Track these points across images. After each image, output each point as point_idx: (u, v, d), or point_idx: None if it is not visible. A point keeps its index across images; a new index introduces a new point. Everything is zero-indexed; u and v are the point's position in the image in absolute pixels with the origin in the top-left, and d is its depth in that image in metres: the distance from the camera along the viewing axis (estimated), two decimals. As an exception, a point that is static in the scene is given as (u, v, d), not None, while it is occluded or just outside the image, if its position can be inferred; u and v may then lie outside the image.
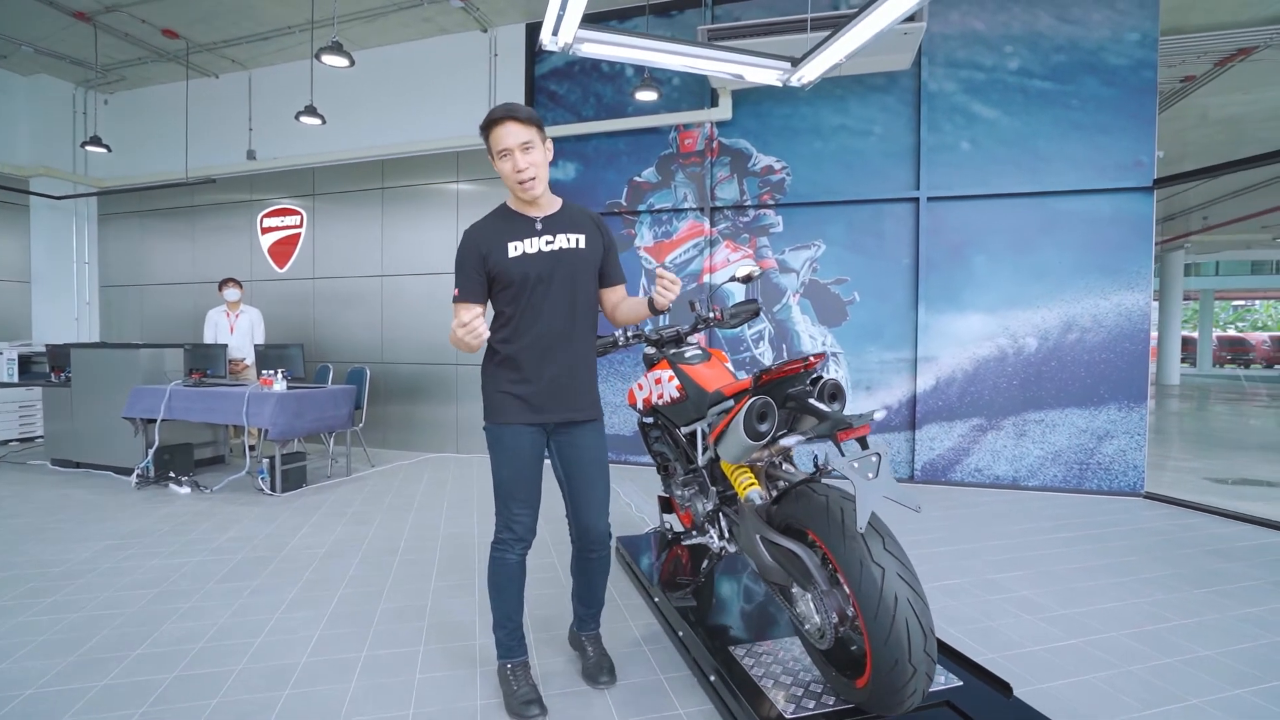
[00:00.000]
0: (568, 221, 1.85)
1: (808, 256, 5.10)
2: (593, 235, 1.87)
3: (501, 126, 1.70)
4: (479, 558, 3.10)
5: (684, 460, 2.46)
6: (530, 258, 1.78)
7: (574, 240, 1.83)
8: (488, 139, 1.74)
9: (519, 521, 1.86)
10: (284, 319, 6.51)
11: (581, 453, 1.86)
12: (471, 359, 5.92)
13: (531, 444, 1.83)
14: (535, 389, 1.80)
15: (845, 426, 1.44)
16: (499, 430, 1.84)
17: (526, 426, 1.81)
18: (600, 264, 1.90)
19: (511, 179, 1.74)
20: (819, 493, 1.63)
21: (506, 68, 5.78)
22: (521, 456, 1.83)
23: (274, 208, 6.60)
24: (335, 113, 6.09)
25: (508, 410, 1.82)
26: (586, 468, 1.87)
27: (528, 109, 1.74)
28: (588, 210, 1.95)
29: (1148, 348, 4.41)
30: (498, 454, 1.85)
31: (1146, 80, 4.38)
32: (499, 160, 1.73)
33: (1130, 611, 2.52)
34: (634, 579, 2.79)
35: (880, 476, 1.39)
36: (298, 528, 3.58)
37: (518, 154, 1.71)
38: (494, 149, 1.73)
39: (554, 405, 1.81)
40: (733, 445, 1.74)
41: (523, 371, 1.80)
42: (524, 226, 1.82)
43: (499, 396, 1.84)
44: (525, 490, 1.85)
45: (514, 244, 1.79)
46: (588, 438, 1.87)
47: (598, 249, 1.87)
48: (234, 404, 4.27)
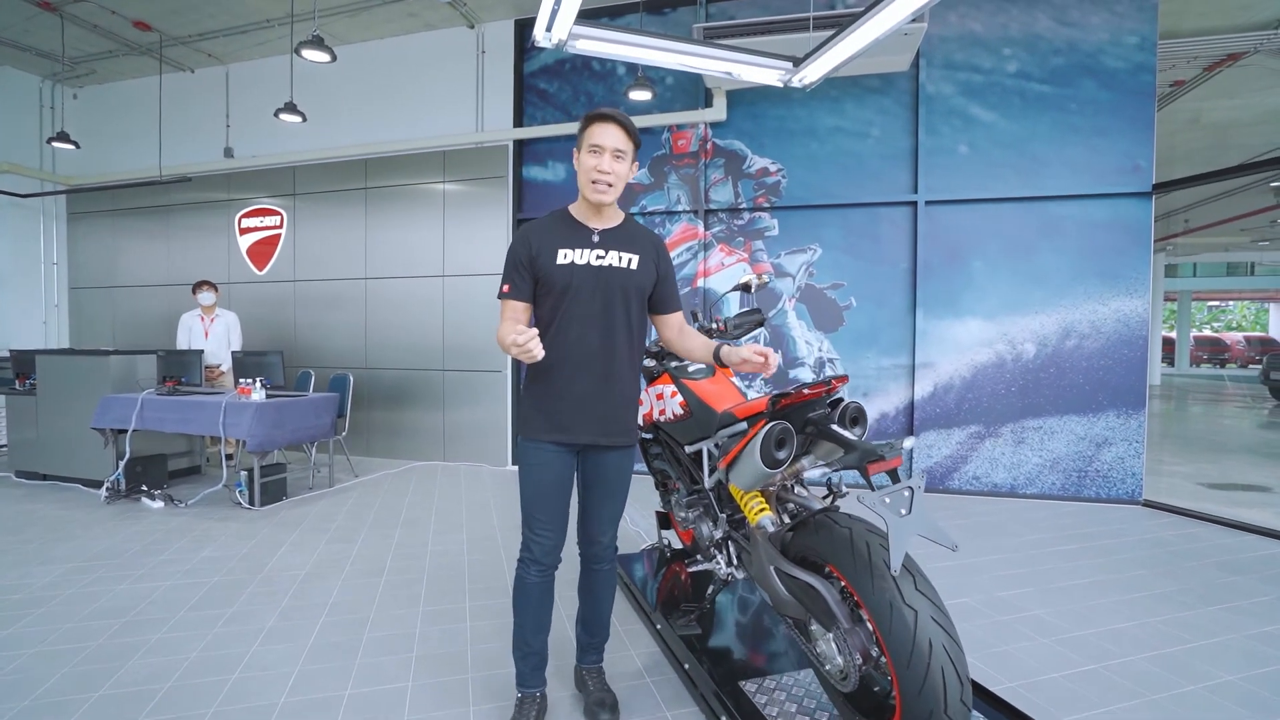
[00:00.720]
0: (625, 239, 1.77)
1: (804, 261, 5.01)
2: (648, 258, 1.77)
3: (606, 124, 1.66)
4: (469, 579, 2.96)
5: (687, 480, 2.34)
6: (577, 269, 1.69)
7: (626, 259, 1.73)
8: (584, 130, 1.68)
9: (537, 542, 1.77)
10: (263, 323, 6.30)
11: (604, 471, 1.80)
12: (460, 366, 5.76)
13: (557, 463, 1.74)
14: (564, 405, 1.72)
15: (876, 458, 1.33)
16: (526, 445, 1.78)
17: (552, 445, 1.73)
18: (652, 289, 1.81)
19: (589, 175, 1.67)
20: (840, 524, 1.52)
21: (495, 65, 5.62)
22: (545, 475, 1.74)
23: (253, 208, 6.38)
24: (317, 110, 5.90)
25: (534, 424, 1.75)
26: (606, 484, 1.81)
27: (636, 128, 1.71)
28: (652, 234, 1.85)
29: (1146, 354, 4.37)
30: (523, 469, 1.78)
31: (1145, 84, 4.34)
32: (586, 154, 1.68)
33: (1146, 633, 2.45)
34: (633, 601, 2.67)
35: (914, 512, 1.28)
36: (277, 545, 3.41)
37: (608, 155, 1.66)
38: (586, 141, 1.67)
39: (582, 425, 1.72)
40: (747, 473, 1.63)
41: (554, 385, 1.72)
42: (580, 235, 1.74)
43: (529, 410, 1.77)
44: (546, 511, 1.76)
45: (564, 250, 1.71)
46: (614, 459, 1.80)
47: (650, 273, 1.78)
48: (210, 414, 4.08)
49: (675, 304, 1.86)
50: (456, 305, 5.74)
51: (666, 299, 1.84)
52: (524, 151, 5.63)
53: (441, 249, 5.77)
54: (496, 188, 5.57)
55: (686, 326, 1.86)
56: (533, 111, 5.62)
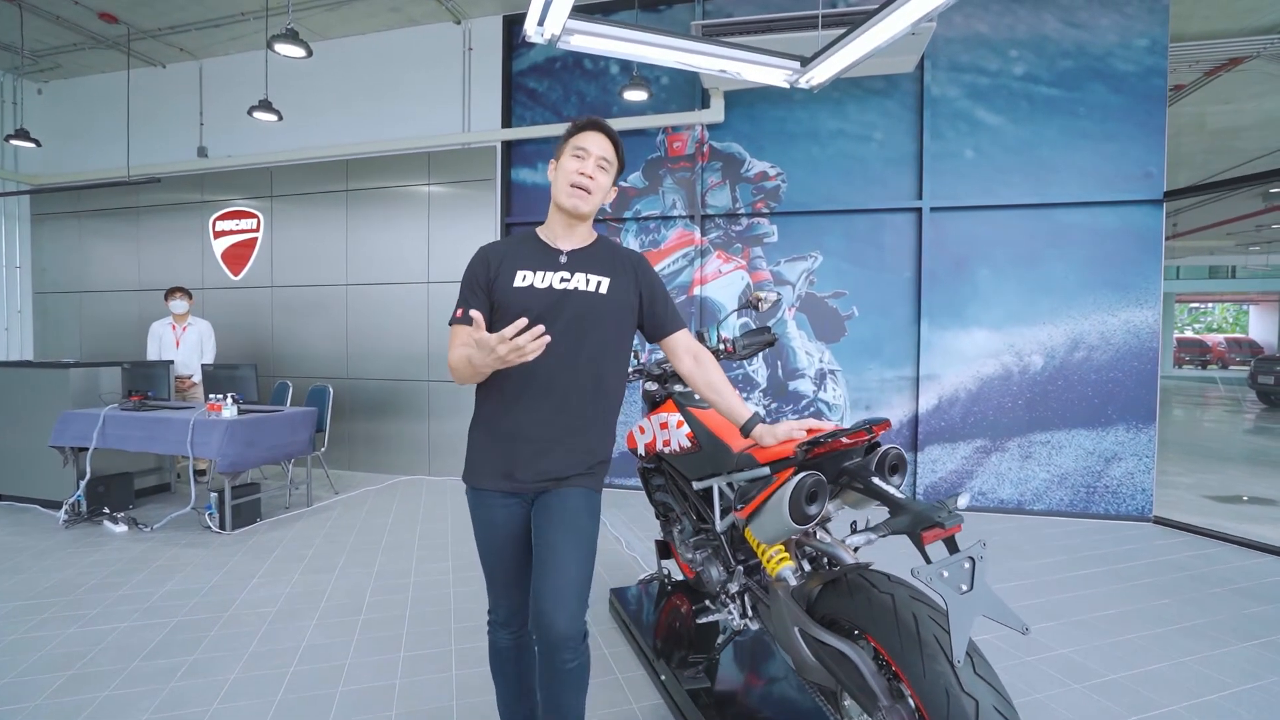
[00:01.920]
0: (596, 260, 1.55)
1: (804, 268, 4.83)
2: (624, 280, 1.55)
3: (594, 133, 1.53)
4: (454, 616, 2.75)
5: (694, 516, 2.15)
6: (536, 292, 1.47)
7: (594, 283, 1.51)
8: (569, 137, 1.54)
9: (500, 605, 1.58)
10: (239, 330, 6.02)
11: (552, 514, 1.44)
12: (446, 376, 5.51)
13: (507, 517, 1.51)
14: (513, 448, 1.47)
15: (931, 525, 1.14)
16: (471, 494, 1.55)
17: (500, 495, 1.49)
18: (636, 313, 1.59)
19: (568, 178, 1.49)
20: (879, 588, 1.32)
21: (482, 63, 5.39)
22: (496, 531, 1.52)
23: (228, 210, 6.10)
24: (295, 108, 5.63)
25: (479, 469, 1.52)
26: (553, 533, 1.41)
27: (623, 146, 1.59)
28: (630, 253, 1.63)
29: (1157, 366, 4.24)
30: (474, 521, 1.56)
31: (1156, 88, 4.21)
32: (569, 157, 1.51)
33: (1183, 675, 2.29)
34: (632, 643, 2.47)
35: (976, 589, 1.10)
36: (248, 576, 3.17)
37: (593, 161, 1.50)
38: (570, 146, 1.52)
39: (534, 471, 1.46)
40: (770, 526, 1.43)
41: (501, 424, 1.49)
42: (545, 256, 1.53)
43: (474, 453, 1.54)
44: (504, 570, 1.54)
45: (524, 272, 1.49)
46: (569, 499, 1.46)
47: (628, 297, 1.55)
48: (177, 433, 3.82)
49: (674, 323, 1.62)
50: (442, 312, 5.50)
51: (661, 321, 1.60)
52: (512, 153, 5.41)
53: (426, 254, 5.53)
54: (484, 190, 5.34)
55: (704, 355, 1.62)
56: (522, 112, 5.40)
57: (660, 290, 1.63)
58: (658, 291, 1.62)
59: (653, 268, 1.66)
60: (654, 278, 1.63)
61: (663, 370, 2.34)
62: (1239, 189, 4.49)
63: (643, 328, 1.63)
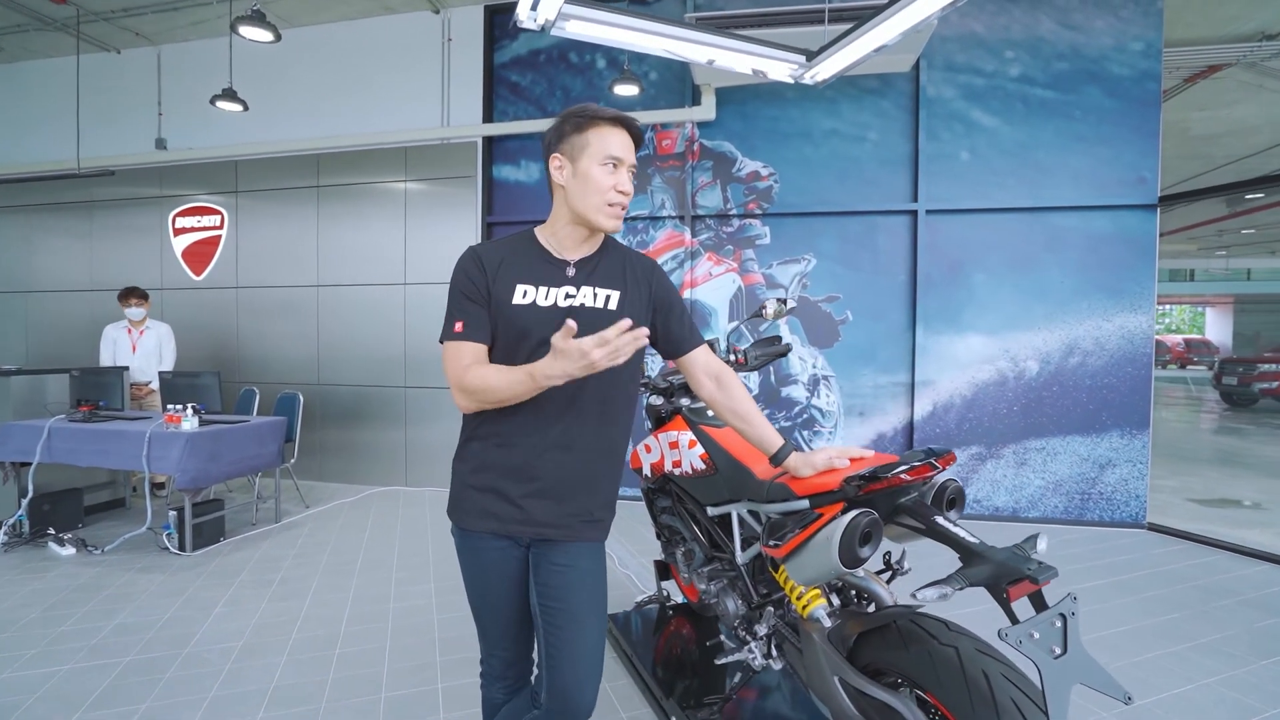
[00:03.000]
0: (604, 271, 1.35)
1: (797, 271, 4.71)
2: (635, 292, 1.36)
3: (619, 132, 1.29)
4: (441, 649, 2.54)
5: (706, 543, 1.98)
6: (539, 311, 1.28)
7: (603, 298, 1.32)
8: (588, 130, 1.28)
9: (495, 657, 1.40)
10: (202, 333, 5.68)
11: (566, 576, 1.28)
12: (424, 381, 5.27)
13: (502, 562, 1.32)
14: (508, 485, 1.28)
15: (1018, 578, 0.99)
16: (459, 536, 1.35)
17: (494, 537, 1.30)
18: (648, 327, 1.40)
19: (602, 195, 1.27)
20: (940, 639, 1.18)
21: (462, 55, 5.16)
22: (489, 576, 1.33)
23: (189, 206, 5.75)
24: (262, 99, 5.33)
25: (467, 509, 1.32)
26: (572, 599, 1.27)
27: (641, 134, 1.36)
28: (643, 259, 1.43)
29: (1150, 372, 4.22)
30: (463, 567, 1.37)
31: (1150, 92, 4.19)
32: (598, 167, 1.27)
33: (1210, 699, 2.20)
34: (634, 674, 2.29)
35: (1071, 651, 0.95)
36: (210, 605, 2.91)
37: (626, 173, 1.29)
38: (598, 150, 1.27)
39: (534, 516, 1.28)
40: (813, 568, 1.28)
41: (496, 457, 1.29)
42: (549, 269, 1.32)
43: (462, 489, 1.34)
44: (498, 622, 1.36)
45: (524, 287, 1.29)
46: (580, 559, 1.30)
47: (640, 311, 1.35)
48: (131, 446, 3.53)
49: (692, 340, 1.44)
50: (420, 315, 5.25)
51: (677, 337, 1.42)
52: (494, 149, 5.19)
53: (403, 254, 5.28)
54: (464, 188, 5.11)
55: (727, 376, 1.44)
56: (504, 106, 5.18)
57: (677, 303, 1.45)
58: (674, 304, 1.43)
59: (668, 276, 1.48)
60: (670, 288, 1.45)
61: (669, 383, 2.17)
62: (1233, 194, 4.50)
63: (656, 345, 1.45)
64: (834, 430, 4.65)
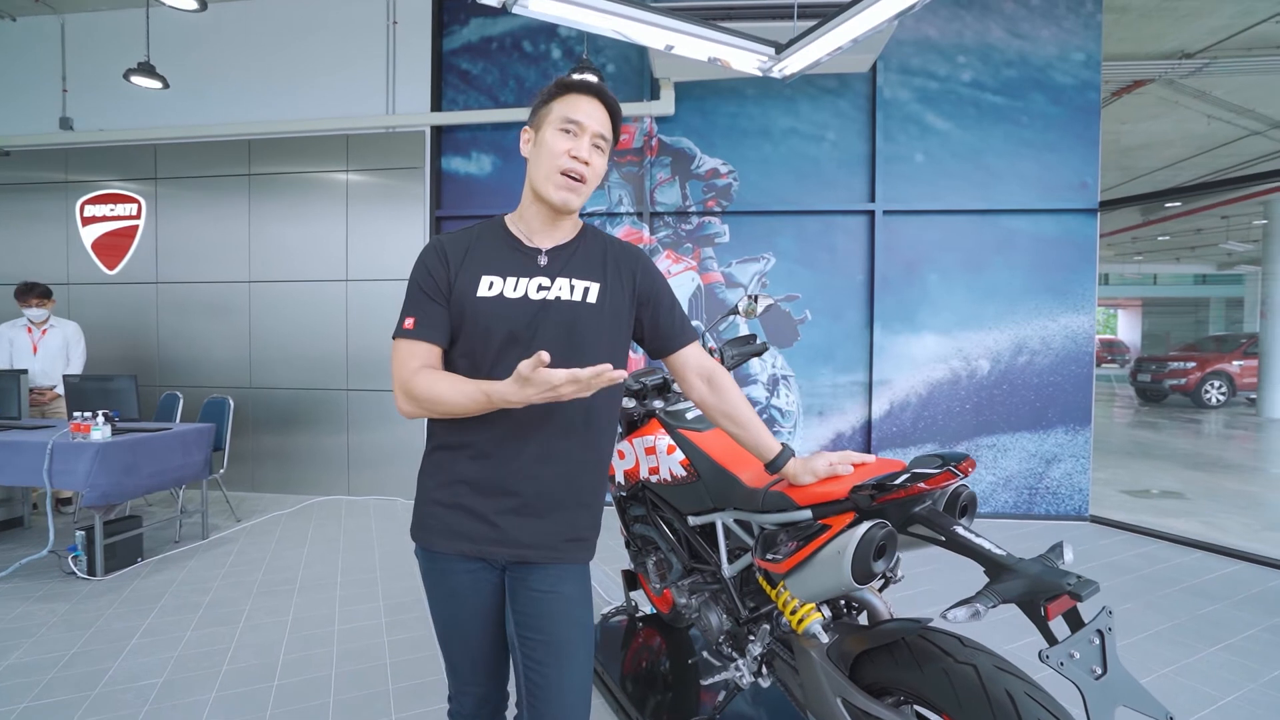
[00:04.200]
0: (581, 261, 1.22)
1: (756, 270, 4.68)
2: (617, 283, 1.23)
3: (588, 100, 1.17)
4: (393, 675, 2.34)
5: (684, 554, 1.87)
6: (508, 304, 1.14)
7: (580, 289, 1.19)
8: (552, 100, 1.18)
9: (466, 694, 1.25)
10: (116, 333, 5.18)
11: (548, 603, 1.14)
12: (367, 384, 4.97)
13: (474, 587, 1.17)
14: (484, 506, 1.14)
15: (1057, 593, 0.92)
16: (425, 559, 1.20)
17: (464, 560, 1.16)
18: (631, 323, 1.27)
19: (557, 160, 1.14)
20: (956, 657, 1.10)
21: (409, 38, 4.89)
22: (459, 604, 1.19)
23: (100, 193, 5.24)
24: (185, 77, 4.91)
25: (437, 530, 1.17)
26: (555, 629, 1.14)
27: (619, 109, 1.22)
28: (626, 246, 1.30)
29: (1092, 370, 4.38)
30: (429, 593, 1.22)
31: (1090, 101, 4.35)
32: (554, 131, 1.16)
33: (1170, 689, 2.25)
34: (605, 694, 2.16)
35: (1111, 671, 0.89)
36: (124, 637, 2.60)
37: (587, 141, 1.16)
38: (556, 116, 1.16)
39: (511, 535, 1.14)
40: (820, 583, 1.18)
41: (473, 476, 1.15)
42: (519, 258, 1.19)
43: (426, 505, 1.19)
44: (468, 653, 1.22)
45: (491, 278, 1.15)
46: (563, 583, 1.17)
47: (623, 304, 1.23)
48: (30, 459, 3.14)
49: (683, 336, 1.31)
50: (363, 314, 4.95)
51: (666, 333, 1.29)
52: (443, 140, 4.95)
53: (345, 249, 4.96)
54: (411, 180, 4.84)
55: (720, 376, 1.32)
56: (454, 95, 4.94)
57: (666, 295, 1.32)
58: (663, 296, 1.30)
59: (655, 266, 1.36)
60: (658, 279, 1.31)
61: (642, 385, 2.05)
62: (1165, 199, 4.74)
63: (642, 341, 1.33)
64: (794, 430, 4.64)
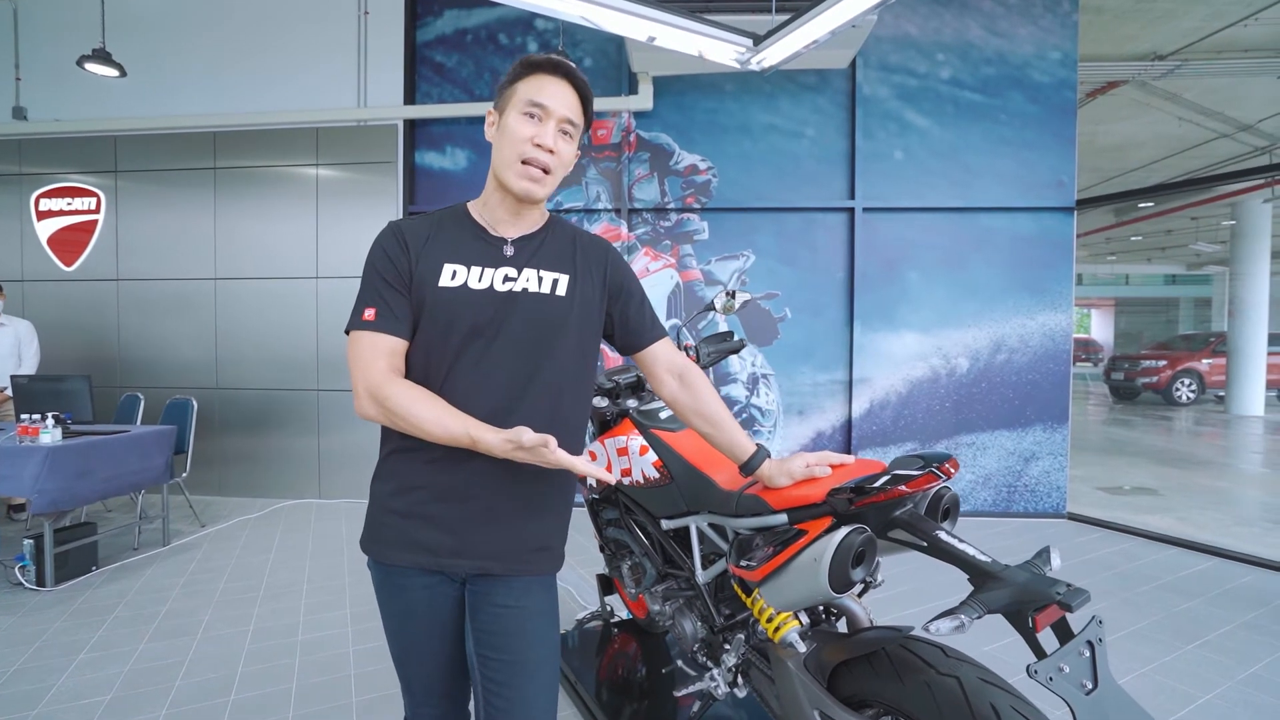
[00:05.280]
0: (549, 251, 1.15)
1: (736, 268, 4.63)
2: (587, 275, 1.16)
3: (555, 80, 1.08)
4: (357, 689, 2.24)
5: (658, 559, 1.81)
6: (472, 295, 1.06)
7: (549, 281, 1.11)
8: (518, 81, 1.09)
9: (421, 715, 1.17)
10: (74, 332, 4.98)
11: (512, 618, 1.06)
12: (339, 384, 4.83)
13: (431, 603, 1.10)
14: (443, 514, 1.06)
15: (1046, 603, 0.87)
16: (378, 572, 1.13)
17: (421, 573, 1.09)
18: (602, 318, 1.20)
19: (519, 147, 1.06)
20: (939, 668, 1.05)
21: (381, 29, 4.76)
22: (415, 621, 1.11)
23: (56, 186, 5.03)
24: (146, 65, 4.74)
25: (391, 541, 1.09)
26: (518, 647, 1.06)
27: (590, 91, 1.13)
28: (595, 239, 1.23)
29: (1069, 367, 4.40)
30: (382, 608, 1.15)
31: (1067, 100, 4.37)
32: (518, 116, 1.07)
33: (1148, 689, 2.23)
34: (577, 702, 2.09)
35: (1102, 684, 0.84)
36: (72, 650, 2.47)
37: (553, 125, 1.07)
38: (521, 98, 1.07)
39: (473, 546, 1.06)
40: (795, 591, 1.12)
41: (432, 482, 1.06)
42: (483, 247, 1.11)
43: (384, 515, 1.10)
44: (424, 672, 1.14)
45: (454, 266, 1.07)
46: (528, 596, 1.09)
47: (592, 297, 1.16)
48: (-26, 464, 2.98)
49: (653, 332, 1.25)
50: (334, 312, 4.81)
51: (636, 328, 1.23)
52: (417, 134, 4.83)
53: (315, 245, 4.82)
54: (383, 175, 4.72)
55: (692, 373, 1.26)
56: (427, 88, 4.83)
57: (636, 289, 1.25)
58: (633, 291, 1.24)
59: (624, 259, 1.28)
60: (627, 272, 1.24)
61: (614, 383, 1.98)
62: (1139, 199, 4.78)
63: (611, 337, 1.25)
64: (774, 429, 4.60)
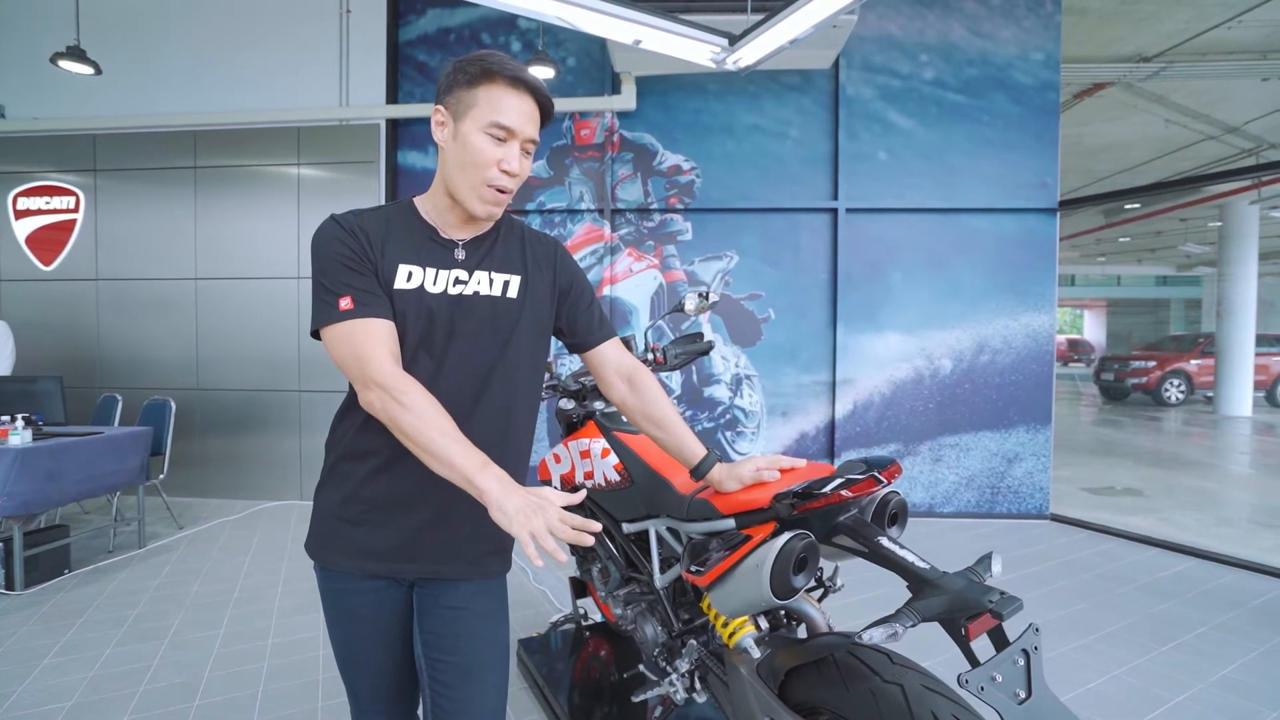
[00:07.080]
0: (501, 254, 1.12)
1: (719, 269, 4.62)
2: (537, 276, 1.14)
3: (518, 97, 1.01)
4: (324, 693, 2.22)
5: (621, 563, 1.79)
6: (427, 297, 1.04)
7: (500, 283, 1.10)
8: (479, 86, 1.00)
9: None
10: (52, 331, 4.94)
11: (461, 621, 1.06)
12: (321, 384, 4.80)
13: (377, 608, 1.08)
14: (391, 519, 1.05)
15: (979, 611, 0.86)
16: (323, 578, 1.11)
17: (369, 579, 1.07)
18: (552, 318, 1.19)
19: (484, 171, 1.01)
20: (883, 675, 1.03)
21: (363, 28, 4.73)
22: (360, 627, 1.09)
23: (34, 185, 4.98)
24: (124, 62, 4.69)
25: (338, 547, 1.07)
26: (467, 650, 1.05)
27: (550, 102, 1.07)
28: (544, 237, 1.21)
29: (1052, 369, 4.41)
30: (326, 611, 1.12)
31: (1050, 101, 4.37)
32: (481, 135, 1.00)
33: (1120, 692, 2.23)
34: (545, 708, 2.07)
35: (1036, 694, 0.82)
36: (37, 655, 2.43)
37: (517, 149, 1.03)
38: (481, 112, 1.00)
39: (423, 550, 1.05)
40: (740, 598, 1.11)
41: (382, 490, 1.05)
42: (435, 248, 1.08)
43: (330, 521, 1.08)
44: (370, 680, 1.12)
45: (410, 268, 1.04)
46: (477, 599, 1.08)
47: (542, 297, 1.15)
48: (-59, 466, 2.94)
49: (601, 332, 1.23)
50: (316, 313, 4.77)
51: (584, 328, 1.22)
52: (399, 134, 4.80)
53: (296, 245, 4.78)
54: (365, 175, 4.69)
55: (641, 376, 1.24)
56: (410, 88, 4.80)
57: (585, 288, 1.24)
58: (582, 290, 1.23)
59: (573, 258, 1.27)
60: (575, 271, 1.23)
61: (581, 385, 1.96)
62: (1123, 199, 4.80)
63: (561, 336, 1.25)
64: (757, 430, 4.59)
